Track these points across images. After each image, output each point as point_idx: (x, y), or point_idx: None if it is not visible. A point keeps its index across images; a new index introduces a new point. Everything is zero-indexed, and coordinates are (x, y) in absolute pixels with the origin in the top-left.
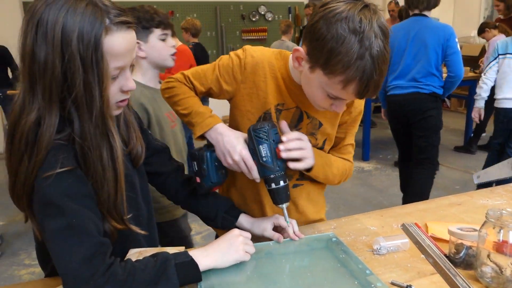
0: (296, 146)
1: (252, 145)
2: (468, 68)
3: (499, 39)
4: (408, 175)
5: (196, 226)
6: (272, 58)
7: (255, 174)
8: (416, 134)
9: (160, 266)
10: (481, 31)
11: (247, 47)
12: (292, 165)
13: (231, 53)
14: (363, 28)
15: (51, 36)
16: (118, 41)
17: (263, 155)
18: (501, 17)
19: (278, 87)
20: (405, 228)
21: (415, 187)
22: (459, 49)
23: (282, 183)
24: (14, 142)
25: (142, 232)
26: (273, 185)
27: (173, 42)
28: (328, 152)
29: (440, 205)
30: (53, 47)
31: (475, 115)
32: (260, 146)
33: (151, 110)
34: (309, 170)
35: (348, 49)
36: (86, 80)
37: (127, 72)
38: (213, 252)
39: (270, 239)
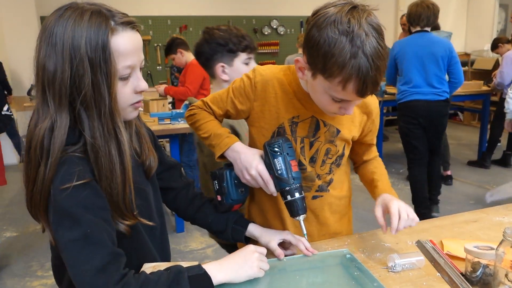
0: (406, 224)
1: (268, 159)
2: (482, 82)
3: None
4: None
5: (207, 239)
6: (280, 74)
7: (271, 187)
8: (436, 136)
9: (173, 279)
10: (494, 46)
11: (257, 67)
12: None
13: (243, 75)
14: (352, 28)
15: (60, 45)
16: (124, 40)
17: (278, 168)
18: None
19: (291, 101)
20: (420, 245)
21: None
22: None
23: (297, 195)
24: (31, 151)
25: (148, 222)
26: (289, 197)
27: (255, 65)
28: (359, 157)
29: (455, 222)
30: (62, 55)
31: (507, 128)
32: (275, 159)
33: (239, 129)
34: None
35: (340, 50)
36: (94, 79)
37: (137, 73)
38: (228, 267)
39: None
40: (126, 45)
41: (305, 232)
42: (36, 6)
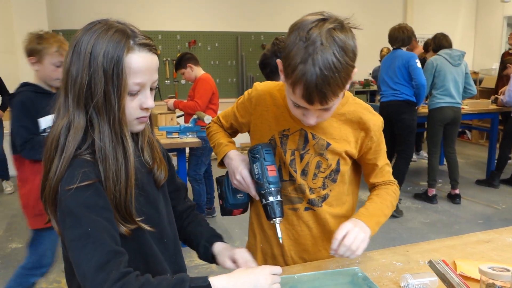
0: (343, 251)
1: (249, 165)
2: (489, 100)
3: None
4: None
5: None
6: (275, 90)
7: (252, 191)
8: (398, 132)
9: (174, 286)
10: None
11: (256, 83)
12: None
13: (246, 92)
14: (310, 35)
15: (83, 54)
16: (138, 60)
17: (256, 173)
18: None
19: (282, 114)
20: (432, 265)
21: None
22: (419, 66)
23: (271, 198)
24: (47, 146)
25: (150, 228)
26: (264, 201)
27: None
28: (368, 180)
29: (468, 242)
30: (83, 61)
31: None
32: (254, 164)
33: None
34: None
35: (295, 53)
36: (106, 89)
37: (147, 91)
38: (236, 284)
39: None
40: (139, 64)
41: (279, 235)
42: (48, 19)
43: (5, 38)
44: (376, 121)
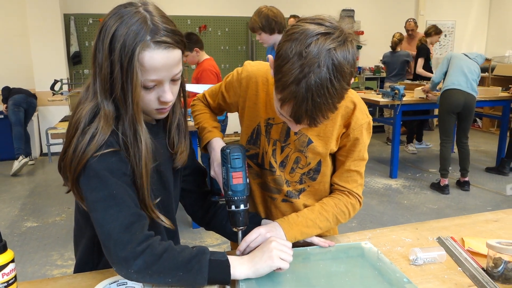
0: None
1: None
2: (500, 88)
3: None
4: None
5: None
6: (267, 73)
7: (223, 192)
8: None
9: (195, 255)
10: None
11: (247, 62)
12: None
13: (235, 70)
14: (308, 53)
15: (106, 43)
16: (151, 57)
17: (223, 177)
18: None
19: (269, 101)
20: (441, 241)
21: None
22: None
23: (233, 207)
24: (70, 125)
25: (167, 223)
26: (227, 207)
27: None
28: (332, 178)
29: (476, 221)
30: (104, 51)
31: None
32: (223, 167)
33: None
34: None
35: (288, 70)
36: (123, 85)
37: (165, 86)
38: (248, 262)
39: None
40: (152, 62)
41: (240, 243)
42: (60, 4)
43: (17, 21)
44: (359, 120)
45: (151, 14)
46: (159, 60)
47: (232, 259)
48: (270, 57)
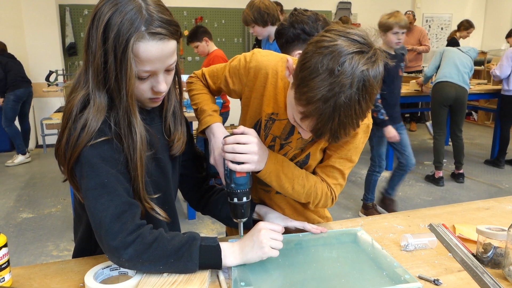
0: (231, 149)
1: None
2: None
3: None
4: None
5: (218, 227)
6: (277, 66)
7: (223, 180)
8: None
9: (186, 242)
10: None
11: (256, 50)
12: (232, 165)
13: (242, 55)
14: (342, 71)
15: (100, 31)
16: (146, 49)
17: (225, 168)
18: None
19: (275, 96)
20: (432, 228)
21: None
22: None
23: (235, 200)
24: (65, 111)
25: (163, 215)
26: (229, 199)
27: None
28: (315, 168)
29: (468, 209)
30: (98, 40)
31: None
32: (225, 160)
33: None
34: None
35: (316, 86)
36: (117, 76)
37: (159, 77)
38: (239, 251)
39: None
40: (147, 54)
41: (241, 235)
42: None
43: (12, 12)
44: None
45: (146, 3)
46: (154, 52)
47: (223, 247)
48: (290, 60)
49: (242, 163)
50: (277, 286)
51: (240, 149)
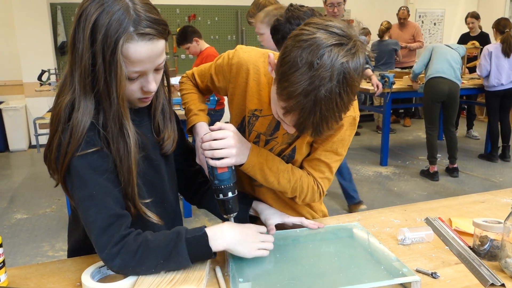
0: (208, 146)
1: None
2: None
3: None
4: None
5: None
6: (259, 61)
7: (208, 176)
8: None
9: (170, 240)
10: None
11: (239, 47)
12: (211, 162)
13: (226, 52)
14: (321, 64)
15: (87, 32)
16: (136, 50)
17: (208, 166)
18: None
19: (259, 92)
20: (429, 222)
21: None
22: None
23: (221, 196)
24: (53, 115)
25: (155, 218)
26: (215, 195)
27: None
28: (302, 161)
29: (464, 203)
30: (85, 41)
31: None
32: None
33: None
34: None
35: (296, 80)
36: (106, 78)
37: (149, 76)
38: (228, 236)
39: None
40: (136, 54)
41: None
42: None
43: (2, 11)
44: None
45: (133, 2)
46: (144, 53)
47: (213, 231)
48: (271, 55)
49: (222, 158)
50: (275, 281)
51: (217, 145)
